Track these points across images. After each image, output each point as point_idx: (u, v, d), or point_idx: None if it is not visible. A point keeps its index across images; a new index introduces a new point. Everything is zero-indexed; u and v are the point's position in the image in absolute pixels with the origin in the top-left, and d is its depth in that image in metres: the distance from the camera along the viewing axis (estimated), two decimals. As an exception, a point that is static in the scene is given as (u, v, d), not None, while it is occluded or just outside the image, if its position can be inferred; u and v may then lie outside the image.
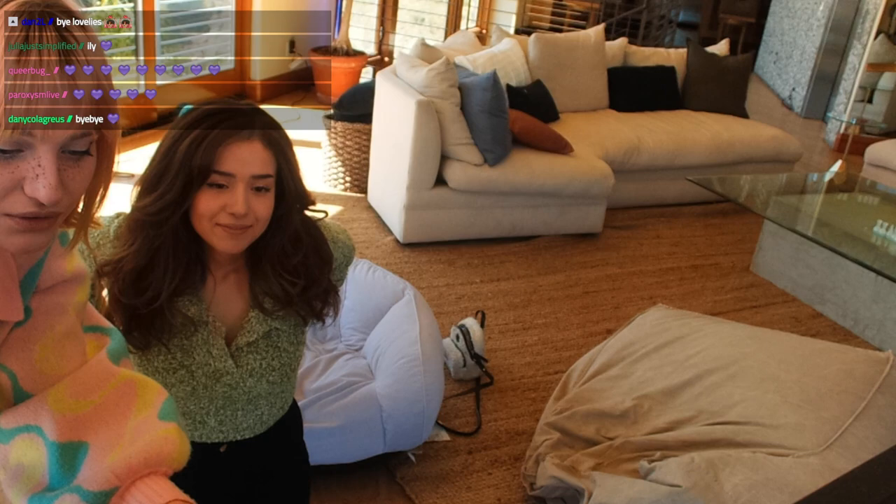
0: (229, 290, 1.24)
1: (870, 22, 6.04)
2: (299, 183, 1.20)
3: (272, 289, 1.21)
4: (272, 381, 1.26)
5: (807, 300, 3.48)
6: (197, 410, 1.25)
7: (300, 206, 1.21)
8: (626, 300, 3.32)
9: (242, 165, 1.11)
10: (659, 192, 4.34)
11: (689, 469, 1.82)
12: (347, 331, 2.51)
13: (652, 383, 2.26)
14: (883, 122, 6.10)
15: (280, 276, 1.20)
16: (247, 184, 1.11)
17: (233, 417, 1.27)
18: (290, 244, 1.20)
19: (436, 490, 2.11)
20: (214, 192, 1.11)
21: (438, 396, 2.18)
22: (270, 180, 1.14)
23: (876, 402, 2.03)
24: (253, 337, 1.23)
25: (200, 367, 1.21)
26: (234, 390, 1.24)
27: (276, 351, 1.25)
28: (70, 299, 0.81)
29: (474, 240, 3.63)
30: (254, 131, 1.12)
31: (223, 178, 1.11)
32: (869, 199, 4.31)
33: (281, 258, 1.20)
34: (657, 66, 4.75)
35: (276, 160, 1.15)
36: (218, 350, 1.21)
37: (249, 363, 1.24)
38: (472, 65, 3.91)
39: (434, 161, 3.40)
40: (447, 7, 6.41)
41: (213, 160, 1.10)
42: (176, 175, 1.10)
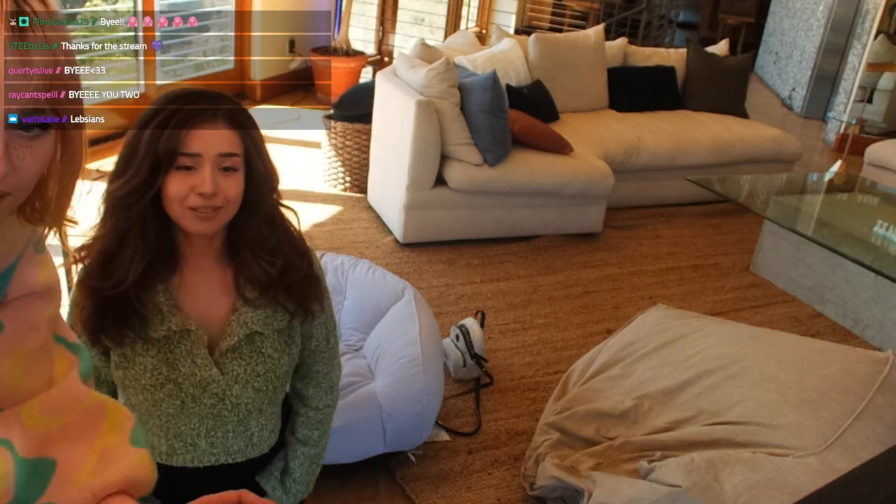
0: (211, 291, 1.23)
1: (870, 22, 6.05)
2: (268, 163, 1.21)
3: (253, 271, 1.22)
4: (258, 387, 1.25)
5: (807, 300, 3.48)
6: (188, 431, 1.25)
7: (271, 188, 1.22)
8: (626, 300, 3.32)
9: (208, 145, 1.13)
10: (659, 192, 4.34)
11: (689, 469, 1.82)
12: (347, 331, 2.51)
13: (652, 383, 2.25)
14: (883, 121, 6.10)
15: (259, 257, 1.22)
16: (213, 163, 1.13)
17: (223, 439, 1.27)
18: (265, 226, 1.22)
19: (436, 490, 2.11)
20: (182, 174, 1.12)
21: (438, 396, 2.18)
22: (237, 159, 1.16)
23: (876, 402, 2.03)
24: (234, 340, 1.22)
25: (187, 377, 1.21)
26: (221, 401, 1.24)
27: (259, 356, 1.25)
28: (42, 315, 0.79)
29: (474, 240, 3.63)
30: (218, 112, 1.15)
31: (190, 160, 1.12)
32: (869, 199, 4.31)
33: (258, 240, 1.22)
34: (657, 66, 4.75)
35: (241, 140, 1.17)
36: (202, 359, 1.21)
37: (234, 369, 1.23)
38: (472, 65, 3.91)
39: (434, 161, 3.40)
40: (447, 7, 6.41)
41: (179, 142, 1.12)
42: (143, 158, 1.12)
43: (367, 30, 6.31)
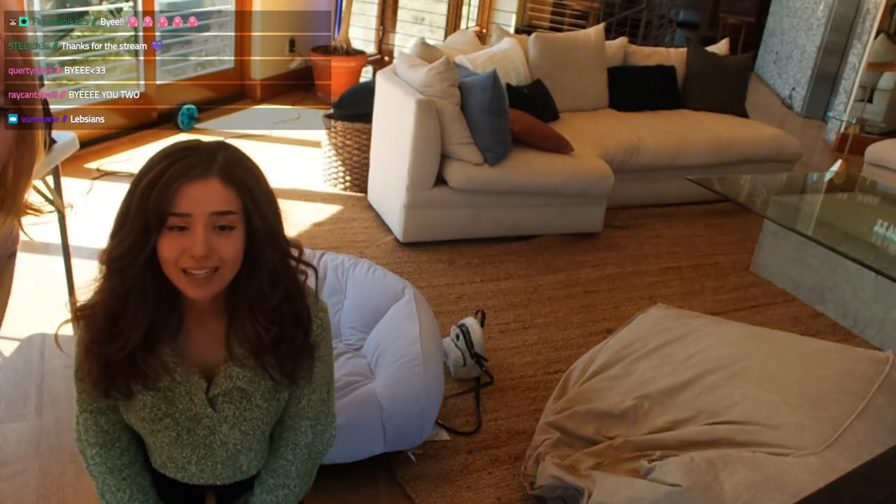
0: (208, 337, 1.22)
1: (870, 21, 6.04)
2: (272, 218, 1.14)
3: (246, 332, 1.17)
4: (245, 430, 1.26)
5: (807, 300, 3.48)
6: (180, 458, 1.27)
7: (274, 244, 1.15)
8: (626, 300, 3.32)
9: (199, 204, 1.06)
10: (659, 192, 4.34)
11: (689, 469, 1.82)
12: (347, 330, 2.51)
13: (652, 383, 2.25)
14: (883, 121, 6.09)
15: (256, 319, 1.16)
16: (206, 223, 1.07)
17: (213, 468, 1.29)
18: (267, 284, 1.16)
19: (436, 489, 2.11)
20: (175, 235, 1.07)
21: (438, 396, 2.18)
22: (234, 217, 1.09)
23: (876, 402, 2.03)
24: (227, 387, 1.23)
25: (183, 412, 1.22)
26: (213, 434, 1.25)
27: (248, 403, 1.24)
28: None
29: (474, 239, 3.63)
30: (211, 168, 1.08)
31: (181, 220, 1.07)
32: (869, 199, 4.31)
33: (258, 299, 1.16)
34: (657, 65, 4.75)
35: (238, 196, 1.10)
36: (199, 399, 1.22)
37: (224, 410, 1.24)
38: (472, 64, 3.91)
39: (434, 160, 3.40)
40: (447, 6, 6.41)
41: (168, 201, 1.05)
42: (134, 219, 1.07)
43: (368, 29, 6.31)
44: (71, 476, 2.02)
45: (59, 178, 2.42)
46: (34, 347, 2.54)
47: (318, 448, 1.37)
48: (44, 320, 2.65)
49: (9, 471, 2.03)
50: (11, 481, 2.00)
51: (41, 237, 2.93)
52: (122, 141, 4.29)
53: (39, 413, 2.25)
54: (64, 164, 2.45)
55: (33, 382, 2.38)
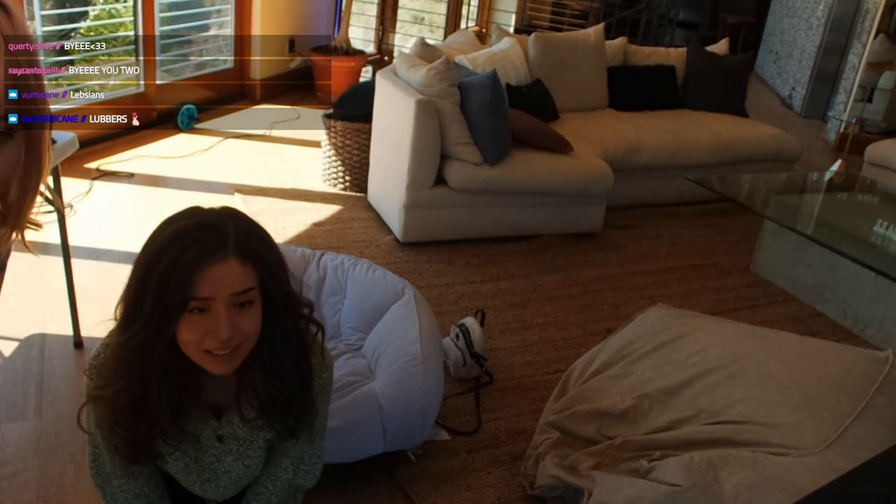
0: (218, 385, 1.23)
1: (870, 21, 6.04)
2: (285, 286, 1.15)
3: (257, 391, 1.18)
4: (247, 465, 1.30)
5: (807, 299, 3.48)
6: (186, 481, 1.31)
7: (288, 307, 1.16)
8: (626, 299, 3.32)
9: (219, 287, 1.05)
10: (659, 192, 4.34)
11: (689, 468, 1.82)
12: (347, 330, 2.51)
13: (652, 382, 2.25)
14: (883, 121, 6.10)
15: (269, 380, 1.17)
16: (227, 303, 1.06)
17: (215, 490, 1.33)
18: (280, 346, 1.16)
19: (436, 489, 2.11)
20: (196, 318, 1.06)
21: (438, 396, 2.18)
22: (253, 293, 1.09)
23: (876, 402, 2.03)
24: (231, 431, 1.26)
25: (191, 445, 1.25)
26: (217, 462, 1.28)
27: (251, 444, 1.28)
28: None
29: (474, 239, 3.63)
30: (227, 248, 1.06)
31: (202, 303, 1.06)
32: (869, 199, 4.31)
33: (272, 363, 1.17)
34: (657, 65, 4.75)
35: (255, 271, 1.09)
36: (208, 436, 1.25)
37: (230, 444, 1.27)
38: (472, 64, 3.91)
39: (434, 160, 3.40)
40: (447, 6, 6.41)
41: (189, 287, 1.04)
42: (153, 307, 1.05)
43: (367, 29, 6.31)
44: (71, 476, 2.02)
45: (59, 179, 2.42)
46: (34, 348, 2.54)
47: (299, 483, 1.38)
48: (44, 321, 2.65)
49: (8, 471, 2.03)
50: (11, 481, 2.00)
51: (41, 238, 2.93)
52: (122, 141, 4.28)
53: (39, 413, 2.25)
54: (63, 165, 2.45)
55: (33, 382, 2.38)
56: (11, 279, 0.94)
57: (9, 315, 2.65)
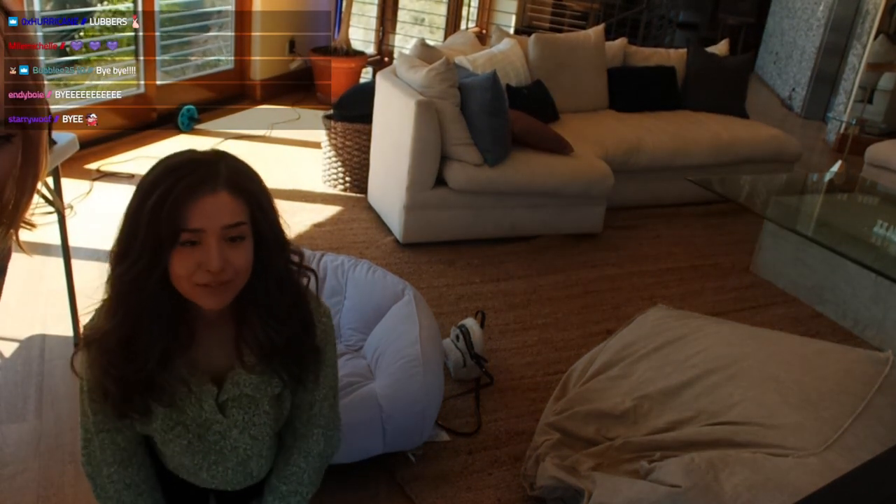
0: (216, 343, 1.23)
1: (870, 22, 6.05)
2: (277, 226, 1.16)
3: (257, 336, 1.18)
4: (254, 435, 1.28)
5: (806, 300, 3.48)
6: (191, 465, 1.29)
7: (280, 249, 1.18)
8: (626, 300, 3.32)
9: (211, 219, 1.07)
10: (659, 193, 4.34)
11: (689, 469, 1.82)
12: (347, 331, 2.51)
13: (652, 383, 2.25)
14: (883, 122, 6.10)
15: (266, 323, 1.18)
16: (218, 236, 1.08)
17: (223, 473, 1.30)
18: (275, 288, 1.17)
19: (435, 490, 2.11)
20: (188, 251, 1.07)
21: (438, 397, 2.18)
22: (244, 227, 1.10)
23: (875, 403, 2.03)
24: (236, 393, 1.24)
25: (193, 419, 1.23)
26: (223, 440, 1.26)
27: (256, 409, 1.26)
28: None
29: (474, 240, 3.63)
30: (218, 181, 1.08)
31: (193, 235, 1.07)
32: (869, 200, 4.31)
33: (268, 305, 1.17)
34: (657, 66, 4.75)
35: (247, 206, 1.11)
36: (209, 405, 1.23)
37: (234, 415, 1.25)
38: (472, 65, 3.91)
39: (434, 161, 3.40)
40: (447, 7, 6.41)
41: (180, 219, 1.06)
42: (145, 239, 1.07)
43: (367, 30, 6.31)
44: (71, 477, 2.02)
45: (59, 179, 2.42)
46: (34, 348, 2.54)
47: (328, 453, 1.39)
48: (44, 322, 2.65)
49: (8, 471, 2.03)
50: (11, 482, 2.00)
51: (41, 238, 2.93)
52: (122, 142, 4.29)
53: (39, 414, 2.25)
54: (64, 165, 2.45)
55: (33, 383, 2.38)
56: (12, 280, 0.94)
57: (9, 316, 2.65)
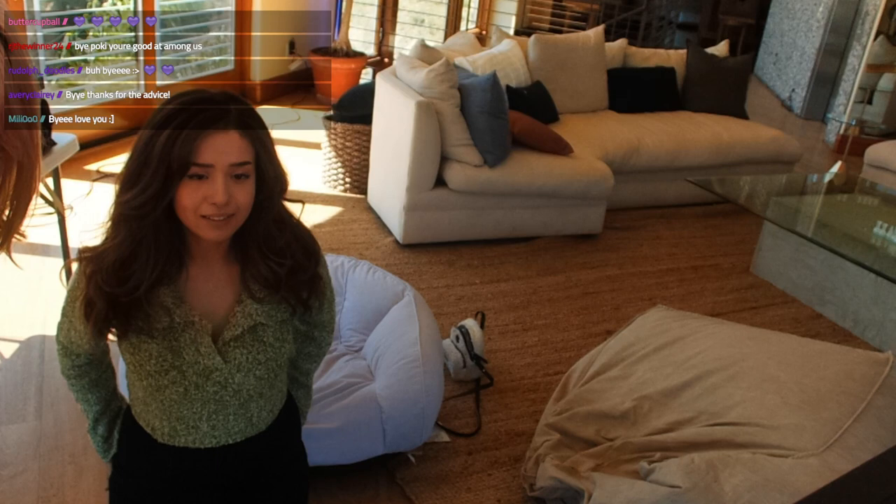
0: (216, 284, 1.25)
1: (869, 23, 6.05)
2: (278, 167, 1.23)
3: (261, 272, 1.24)
4: (259, 375, 1.28)
5: (807, 301, 3.48)
6: (189, 415, 1.27)
7: (280, 190, 1.24)
8: (626, 301, 3.32)
9: (220, 155, 1.13)
10: (659, 193, 4.34)
11: (689, 470, 1.82)
12: (347, 332, 2.51)
13: (652, 384, 2.25)
14: (882, 123, 6.10)
15: (267, 258, 1.24)
16: (226, 172, 1.14)
17: (224, 421, 1.29)
18: (274, 227, 1.24)
19: (436, 491, 2.11)
20: (195, 184, 1.14)
21: (438, 397, 2.18)
22: (249, 167, 1.17)
23: (875, 403, 2.03)
24: (238, 331, 1.25)
25: (191, 365, 1.23)
26: (224, 389, 1.26)
27: (261, 345, 1.27)
28: None
29: (474, 241, 3.63)
30: (229, 118, 1.15)
31: (202, 169, 1.13)
32: (869, 201, 4.31)
33: (267, 241, 1.23)
34: (657, 67, 4.75)
35: (253, 147, 1.18)
36: (206, 347, 1.23)
37: (236, 357, 1.25)
38: (472, 66, 3.91)
39: (434, 162, 3.41)
40: (447, 8, 6.41)
41: (191, 153, 1.12)
42: (156, 170, 1.12)
43: (367, 31, 6.32)
44: (71, 477, 2.02)
45: (59, 180, 2.42)
46: (34, 349, 2.54)
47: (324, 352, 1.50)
48: (44, 322, 2.65)
49: (8, 472, 2.03)
50: (11, 483, 2.00)
51: (41, 239, 2.93)
52: (122, 142, 4.28)
53: (39, 415, 2.25)
54: (64, 166, 2.46)
55: (33, 384, 2.38)
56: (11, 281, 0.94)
57: (9, 316, 2.65)
